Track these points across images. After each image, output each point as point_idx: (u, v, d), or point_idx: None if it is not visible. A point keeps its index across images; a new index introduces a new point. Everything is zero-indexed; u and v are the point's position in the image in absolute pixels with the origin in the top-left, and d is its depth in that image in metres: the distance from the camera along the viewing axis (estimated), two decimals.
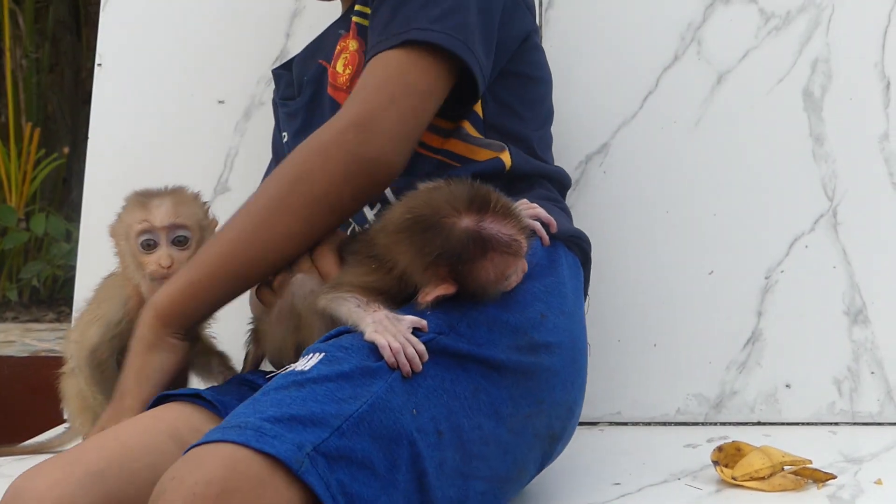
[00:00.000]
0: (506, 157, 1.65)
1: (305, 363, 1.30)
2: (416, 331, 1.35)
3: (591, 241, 1.69)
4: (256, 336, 1.64)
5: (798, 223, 2.05)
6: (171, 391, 1.54)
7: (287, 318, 1.50)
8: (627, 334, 2.03)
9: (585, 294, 1.66)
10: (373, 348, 1.31)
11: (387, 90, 1.52)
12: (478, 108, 1.65)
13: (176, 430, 1.45)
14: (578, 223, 1.72)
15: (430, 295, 1.38)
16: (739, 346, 2.04)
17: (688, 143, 2.08)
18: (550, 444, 1.52)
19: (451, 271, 1.39)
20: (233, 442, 1.19)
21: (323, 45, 1.76)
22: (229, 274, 1.52)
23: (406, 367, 1.30)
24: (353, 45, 1.67)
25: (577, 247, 1.64)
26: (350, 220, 1.64)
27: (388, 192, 1.61)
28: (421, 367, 1.32)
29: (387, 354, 1.29)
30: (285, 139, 1.81)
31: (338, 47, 1.71)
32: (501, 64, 1.65)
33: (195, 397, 1.52)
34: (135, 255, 1.60)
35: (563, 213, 1.69)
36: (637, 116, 2.10)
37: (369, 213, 1.64)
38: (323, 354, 1.30)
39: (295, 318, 1.49)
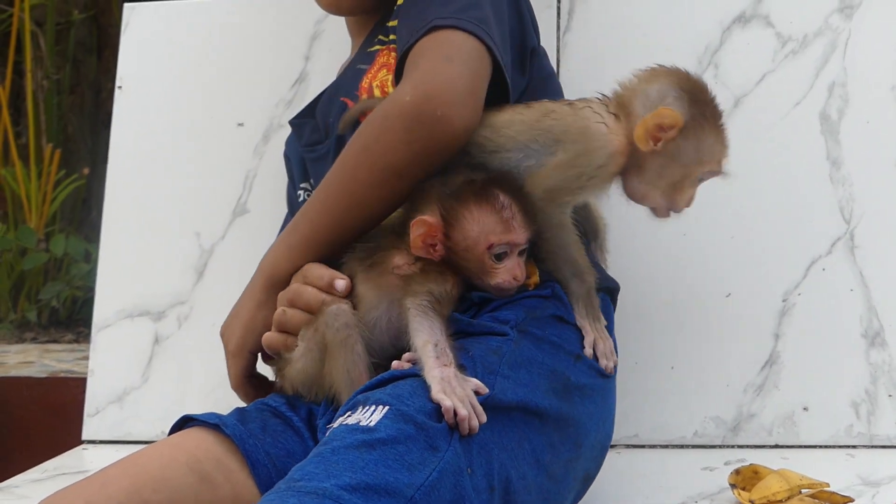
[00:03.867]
0: None
1: (369, 416, 1.27)
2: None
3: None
4: (279, 371, 1.62)
5: (815, 246, 2.03)
6: (194, 415, 1.54)
7: (315, 351, 1.50)
8: (645, 357, 2.01)
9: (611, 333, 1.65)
10: (437, 407, 1.29)
11: (440, 52, 1.51)
12: None
13: (196, 460, 1.45)
14: None
15: (414, 229, 1.42)
16: (757, 369, 2.02)
17: None
18: (584, 484, 1.53)
19: (441, 207, 1.42)
20: None
21: (343, 84, 1.77)
22: (319, 240, 1.56)
23: (465, 432, 1.29)
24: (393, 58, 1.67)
25: (606, 288, 1.66)
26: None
27: None
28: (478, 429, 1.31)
29: (449, 418, 1.28)
30: (309, 190, 1.81)
31: (366, 80, 1.71)
32: (524, 76, 1.68)
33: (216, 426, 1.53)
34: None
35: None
36: None
37: None
38: (387, 409, 1.27)
39: (322, 350, 1.48)
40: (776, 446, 1.99)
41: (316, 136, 1.80)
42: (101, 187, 2.26)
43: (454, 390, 1.29)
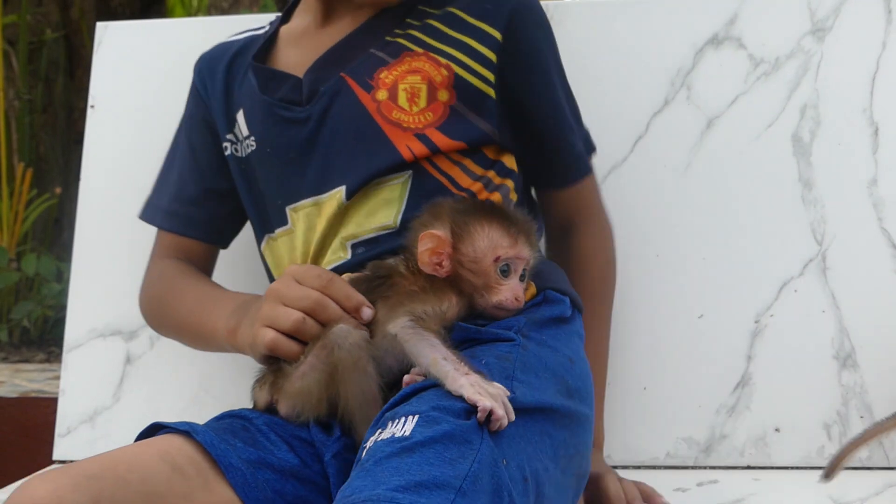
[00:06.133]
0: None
1: (402, 428, 1.28)
2: None
3: None
4: (272, 384, 1.58)
5: (787, 268, 2.03)
6: (164, 422, 1.53)
7: (322, 370, 1.47)
8: (617, 377, 1.99)
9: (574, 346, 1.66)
10: (464, 407, 1.30)
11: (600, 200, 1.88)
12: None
13: (168, 453, 1.44)
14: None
15: (423, 243, 1.45)
16: (729, 390, 2.02)
17: (678, 187, 2.08)
18: (579, 482, 1.53)
19: (452, 221, 1.46)
20: None
21: (347, 60, 1.70)
22: None
23: (495, 428, 1.30)
24: (443, 95, 1.65)
25: (567, 293, 1.68)
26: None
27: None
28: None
29: (482, 417, 1.29)
30: (253, 147, 1.74)
31: (388, 76, 1.66)
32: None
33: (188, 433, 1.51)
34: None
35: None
36: (627, 160, 2.10)
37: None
38: (418, 416, 1.28)
39: (331, 370, 1.46)
40: (748, 467, 1.98)
41: (295, 95, 1.71)
42: (73, 207, 2.24)
43: (488, 392, 1.30)
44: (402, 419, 1.29)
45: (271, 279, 1.75)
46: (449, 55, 1.66)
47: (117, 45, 2.30)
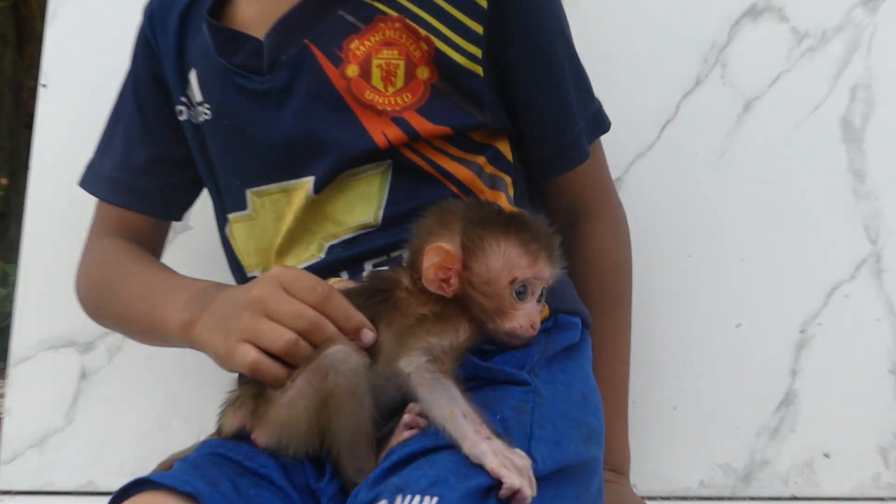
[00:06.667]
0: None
1: None
2: None
3: None
4: (252, 412, 1.42)
5: (837, 270, 1.95)
6: (152, 476, 1.32)
7: (313, 397, 1.33)
8: (643, 396, 1.89)
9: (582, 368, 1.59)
10: (485, 484, 1.20)
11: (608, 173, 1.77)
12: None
13: None
14: None
15: (429, 257, 1.34)
16: (771, 410, 1.93)
17: (711, 179, 1.98)
18: None
19: (463, 233, 1.35)
20: None
21: (311, 18, 1.59)
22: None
23: None
24: (423, 73, 1.53)
25: (577, 312, 1.60)
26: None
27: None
28: None
29: (506, 495, 1.20)
30: (208, 116, 1.64)
31: (360, 47, 1.55)
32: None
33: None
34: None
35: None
36: (654, 148, 2.00)
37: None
38: (436, 499, 1.17)
39: (323, 397, 1.32)
40: (793, 498, 1.91)
41: (254, 62, 1.59)
42: (21, 199, 2.13)
43: (514, 464, 1.21)
44: (418, 498, 1.18)
45: (233, 266, 1.67)
46: (429, 25, 1.54)
47: (73, 16, 2.17)
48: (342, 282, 1.46)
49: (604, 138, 1.76)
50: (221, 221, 1.68)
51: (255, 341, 1.36)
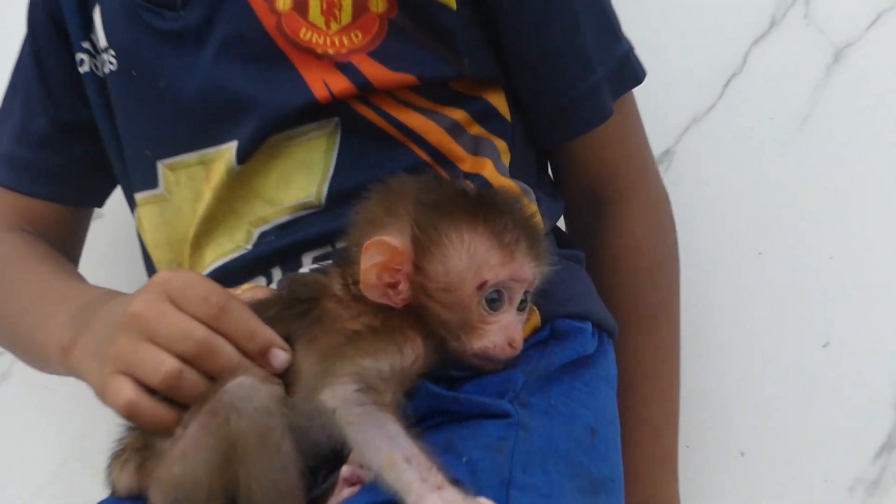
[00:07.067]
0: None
1: None
2: None
3: None
4: (138, 467, 1.21)
5: None
6: None
7: (213, 448, 1.12)
8: (701, 437, 1.67)
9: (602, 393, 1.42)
10: None
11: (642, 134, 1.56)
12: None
13: None
14: None
15: (368, 255, 1.14)
16: (870, 456, 1.64)
17: (790, 151, 1.70)
18: None
19: (415, 222, 1.16)
20: None
21: None
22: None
23: None
24: (377, 4, 1.34)
25: (601, 325, 1.39)
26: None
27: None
28: None
29: None
30: (113, 66, 1.44)
31: None
32: None
33: None
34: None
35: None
36: (714, 110, 1.73)
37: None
38: None
39: (226, 448, 1.11)
40: None
41: None
42: None
43: None
44: None
45: (147, 264, 1.50)
46: None
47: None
48: (257, 288, 1.28)
49: (647, 98, 1.52)
50: (131, 205, 1.50)
51: (130, 372, 1.17)
